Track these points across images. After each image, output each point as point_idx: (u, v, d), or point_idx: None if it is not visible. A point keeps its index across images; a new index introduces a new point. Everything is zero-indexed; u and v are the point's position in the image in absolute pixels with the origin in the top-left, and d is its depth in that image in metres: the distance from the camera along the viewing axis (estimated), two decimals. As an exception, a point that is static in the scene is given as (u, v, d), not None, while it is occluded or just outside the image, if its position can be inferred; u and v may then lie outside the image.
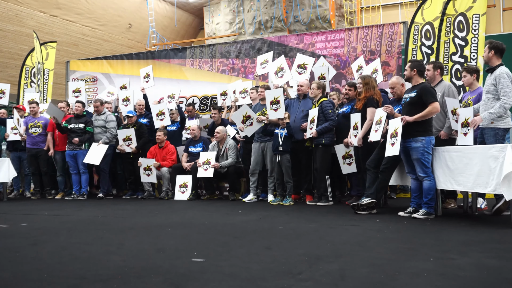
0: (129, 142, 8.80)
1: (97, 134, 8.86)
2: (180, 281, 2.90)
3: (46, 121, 9.17)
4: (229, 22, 18.90)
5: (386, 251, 3.68)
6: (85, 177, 8.76)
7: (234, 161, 8.10)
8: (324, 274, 3.00)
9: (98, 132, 8.87)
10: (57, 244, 4.25)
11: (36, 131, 9.11)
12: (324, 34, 9.47)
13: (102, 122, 8.89)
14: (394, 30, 8.70)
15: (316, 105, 7.07)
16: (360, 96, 6.47)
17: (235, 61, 10.17)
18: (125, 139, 8.77)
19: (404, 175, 5.93)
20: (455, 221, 5.21)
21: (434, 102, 5.33)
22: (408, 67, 5.63)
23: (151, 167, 8.42)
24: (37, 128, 9.11)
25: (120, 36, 19.56)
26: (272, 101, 7.10)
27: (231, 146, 8.19)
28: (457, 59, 7.41)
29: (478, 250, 3.62)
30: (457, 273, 2.95)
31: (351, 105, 6.90)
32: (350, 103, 6.98)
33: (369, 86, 6.40)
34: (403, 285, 2.73)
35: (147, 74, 9.63)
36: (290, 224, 5.24)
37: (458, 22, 7.45)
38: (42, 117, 9.27)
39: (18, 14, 15.81)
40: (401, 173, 6.04)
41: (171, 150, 8.75)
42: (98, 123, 8.89)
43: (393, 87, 6.08)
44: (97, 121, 8.91)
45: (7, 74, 16.63)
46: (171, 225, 5.30)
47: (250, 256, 3.58)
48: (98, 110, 8.94)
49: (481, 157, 4.78)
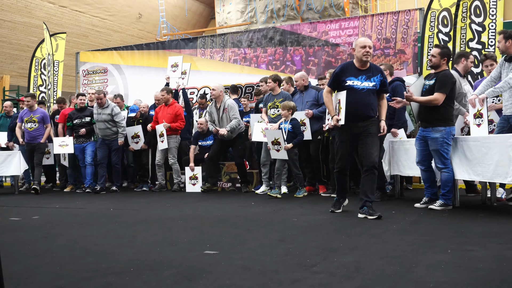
0: (137, 140, 8.77)
1: (103, 129, 8.51)
2: (193, 273, 2.87)
3: (42, 115, 8.85)
4: (240, 11, 18.78)
5: (402, 243, 3.62)
6: (91, 170, 8.63)
7: (238, 121, 7.85)
8: (339, 266, 2.96)
9: (102, 127, 8.50)
10: (69, 237, 4.25)
11: (32, 126, 8.75)
12: (338, 22, 9.33)
13: (106, 116, 8.46)
14: (410, 17, 8.53)
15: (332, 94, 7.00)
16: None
17: (247, 50, 10.08)
18: (134, 137, 8.76)
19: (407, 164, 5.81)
20: (473, 212, 5.12)
21: (440, 93, 5.16)
22: (437, 54, 5.33)
23: (163, 132, 8.25)
24: (32, 123, 8.75)
25: (130, 26, 19.56)
26: (273, 142, 6.90)
27: (230, 105, 7.87)
28: (474, 46, 7.26)
29: (497, 242, 3.55)
30: (475, 265, 2.90)
31: None
32: None
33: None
34: (420, 277, 2.68)
35: (175, 64, 9.48)
36: (304, 216, 5.19)
37: (474, 7, 7.28)
38: (38, 111, 8.89)
39: (28, 5, 15.85)
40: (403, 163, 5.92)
41: (177, 108, 8.48)
42: (102, 117, 8.47)
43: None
44: (101, 115, 8.48)
45: (17, 66, 16.75)
46: (183, 218, 5.28)
47: (264, 249, 3.54)
48: (102, 102, 8.47)
49: (501, 146, 4.66)
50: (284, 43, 9.66)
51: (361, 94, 4.92)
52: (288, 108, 6.93)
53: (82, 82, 11.72)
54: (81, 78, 11.77)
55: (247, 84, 9.69)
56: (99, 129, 8.56)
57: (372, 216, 4.76)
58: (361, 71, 4.98)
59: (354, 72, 4.98)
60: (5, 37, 16.01)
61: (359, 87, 4.93)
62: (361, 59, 4.94)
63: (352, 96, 4.91)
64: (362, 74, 4.96)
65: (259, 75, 9.42)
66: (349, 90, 4.92)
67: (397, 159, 6.34)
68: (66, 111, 9.12)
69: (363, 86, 4.93)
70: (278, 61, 9.62)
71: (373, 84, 4.94)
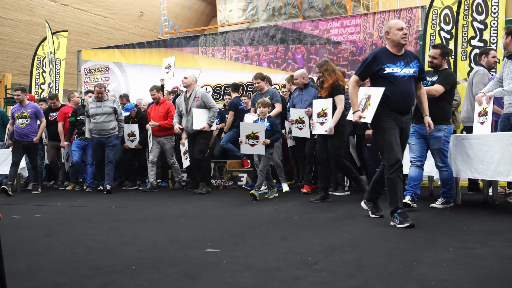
0: (133, 138, 8.65)
1: (101, 123, 8.12)
2: (195, 271, 2.87)
3: (34, 110, 8.28)
4: (242, 9, 18.76)
5: (404, 241, 3.61)
6: (92, 170, 8.53)
7: (217, 111, 7.52)
8: (341, 264, 2.96)
9: (101, 121, 8.12)
10: (71, 235, 4.26)
11: (24, 122, 8.15)
12: (340, 20, 9.30)
13: (108, 109, 8.15)
14: (411, 15, 8.51)
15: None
16: (324, 85, 6.11)
17: (248, 48, 10.06)
18: (130, 135, 8.66)
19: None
20: (475, 210, 5.11)
21: (441, 86, 5.10)
22: (439, 55, 5.27)
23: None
24: (24, 119, 8.17)
25: (131, 24, 19.56)
26: (250, 136, 6.58)
27: (203, 94, 7.50)
28: (476, 43, 7.23)
29: (499, 240, 3.55)
30: (477, 263, 2.90)
31: None
32: None
33: (329, 72, 6.07)
34: (422, 275, 2.68)
35: (169, 65, 9.51)
36: (305, 214, 5.18)
37: (476, 5, 7.25)
38: (29, 105, 8.30)
39: (29, 3, 15.87)
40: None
41: (168, 106, 8.37)
42: (104, 109, 8.12)
43: None
44: (101, 108, 8.12)
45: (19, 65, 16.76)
46: (185, 216, 5.29)
47: (265, 247, 3.54)
48: (102, 96, 8.15)
49: (502, 144, 4.66)
50: (285, 41, 9.64)
51: (404, 82, 4.34)
52: (268, 105, 6.68)
53: (84, 80, 11.72)
54: (83, 77, 11.77)
55: (249, 82, 9.67)
56: (95, 123, 8.12)
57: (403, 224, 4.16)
58: (398, 57, 4.39)
59: (391, 58, 4.37)
60: (7, 35, 16.03)
61: (400, 75, 4.34)
62: (399, 42, 4.35)
63: (394, 87, 4.30)
64: (400, 60, 4.37)
65: (261, 73, 9.43)
66: (388, 80, 4.32)
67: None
68: (65, 110, 9.05)
69: (403, 73, 4.35)
70: (280, 59, 9.60)
71: (413, 70, 4.43)
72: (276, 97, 7.51)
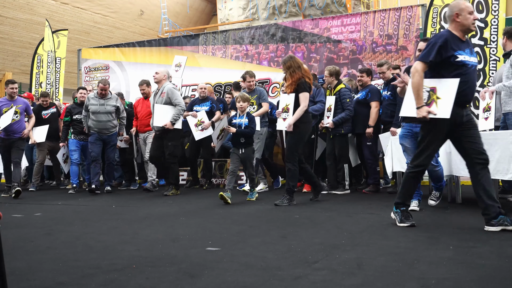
0: (121, 138, 8.47)
1: (103, 122, 7.90)
2: (195, 270, 2.87)
3: (25, 105, 7.86)
4: (242, 8, 18.73)
5: (404, 239, 3.61)
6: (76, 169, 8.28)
7: (182, 108, 7.21)
8: (341, 262, 2.96)
9: (104, 120, 7.90)
10: (72, 234, 4.25)
11: (13, 118, 7.60)
12: (340, 19, 9.30)
13: (111, 107, 7.95)
14: (412, 13, 8.50)
15: (333, 93, 6.98)
16: (287, 82, 5.96)
17: (248, 47, 10.05)
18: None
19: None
20: (475, 208, 5.08)
21: None
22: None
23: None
24: (14, 114, 7.64)
25: (132, 23, 19.54)
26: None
27: (170, 89, 7.17)
28: (476, 42, 7.23)
29: (500, 238, 3.55)
30: (478, 261, 2.90)
31: (365, 91, 7.00)
32: (364, 89, 7.01)
33: (294, 68, 5.85)
34: (422, 274, 2.68)
35: (179, 64, 9.50)
36: (306, 213, 5.18)
37: (477, 3, 7.26)
38: (19, 100, 7.82)
39: (29, 2, 15.86)
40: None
41: None
42: (106, 108, 7.90)
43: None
44: (104, 106, 7.90)
45: (19, 63, 16.76)
46: (185, 214, 5.29)
47: (266, 245, 3.54)
48: (106, 93, 7.96)
49: (502, 143, 4.66)
50: (286, 40, 9.64)
51: (472, 72, 3.88)
52: (247, 100, 6.47)
53: (84, 79, 11.71)
54: (83, 75, 11.76)
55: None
56: (97, 121, 7.88)
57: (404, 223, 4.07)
58: (464, 43, 3.88)
59: (460, 44, 3.84)
60: (7, 34, 16.01)
61: (469, 63, 3.84)
62: (469, 28, 3.87)
63: (464, 77, 3.79)
64: (466, 47, 3.86)
65: (261, 72, 9.43)
66: (460, 69, 3.80)
67: (399, 156, 6.32)
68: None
69: (472, 62, 3.87)
70: (280, 57, 9.58)
71: (477, 60, 4.09)
72: (263, 96, 7.46)
